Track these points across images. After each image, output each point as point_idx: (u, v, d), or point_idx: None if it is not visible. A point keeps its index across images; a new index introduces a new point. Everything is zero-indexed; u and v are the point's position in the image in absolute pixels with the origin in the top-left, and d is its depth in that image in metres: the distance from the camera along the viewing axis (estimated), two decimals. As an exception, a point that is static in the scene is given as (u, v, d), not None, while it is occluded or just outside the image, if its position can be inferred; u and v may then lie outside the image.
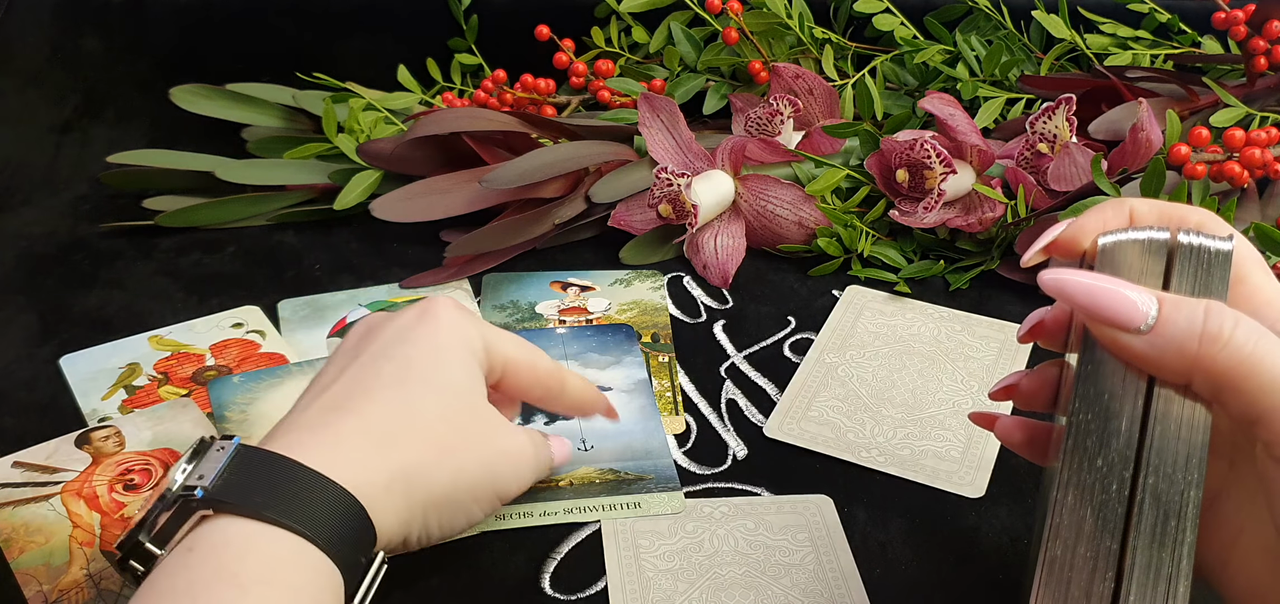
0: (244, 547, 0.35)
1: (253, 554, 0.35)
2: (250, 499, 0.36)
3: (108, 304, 0.65)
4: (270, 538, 0.36)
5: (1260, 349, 0.31)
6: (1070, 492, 0.32)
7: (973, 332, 0.63)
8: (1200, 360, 0.31)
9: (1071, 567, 0.32)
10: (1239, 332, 0.31)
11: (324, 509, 0.37)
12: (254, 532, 0.36)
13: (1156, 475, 0.32)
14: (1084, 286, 0.33)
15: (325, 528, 0.36)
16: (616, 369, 0.59)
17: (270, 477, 0.37)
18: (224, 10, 0.86)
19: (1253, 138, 0.65)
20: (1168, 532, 0.32)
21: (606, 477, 0.51)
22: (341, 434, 0.39)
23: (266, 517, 0.36)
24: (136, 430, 0.54)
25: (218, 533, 0.36)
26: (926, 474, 0.52)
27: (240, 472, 0.37)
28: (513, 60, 0.84)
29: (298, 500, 0.36)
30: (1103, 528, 0.32)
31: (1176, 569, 0.32)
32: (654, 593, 0.45)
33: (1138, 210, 0.36)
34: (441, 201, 0.69)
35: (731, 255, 0.68)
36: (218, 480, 0.36)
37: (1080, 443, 0.33)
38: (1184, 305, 0.32)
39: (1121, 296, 0.32)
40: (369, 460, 0.39)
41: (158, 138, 0.82)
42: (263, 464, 0.37)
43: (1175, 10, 0.81)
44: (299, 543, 0.36)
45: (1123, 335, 0.32)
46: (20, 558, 0.46)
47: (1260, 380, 0.31)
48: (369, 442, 0.39)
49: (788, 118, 0.73)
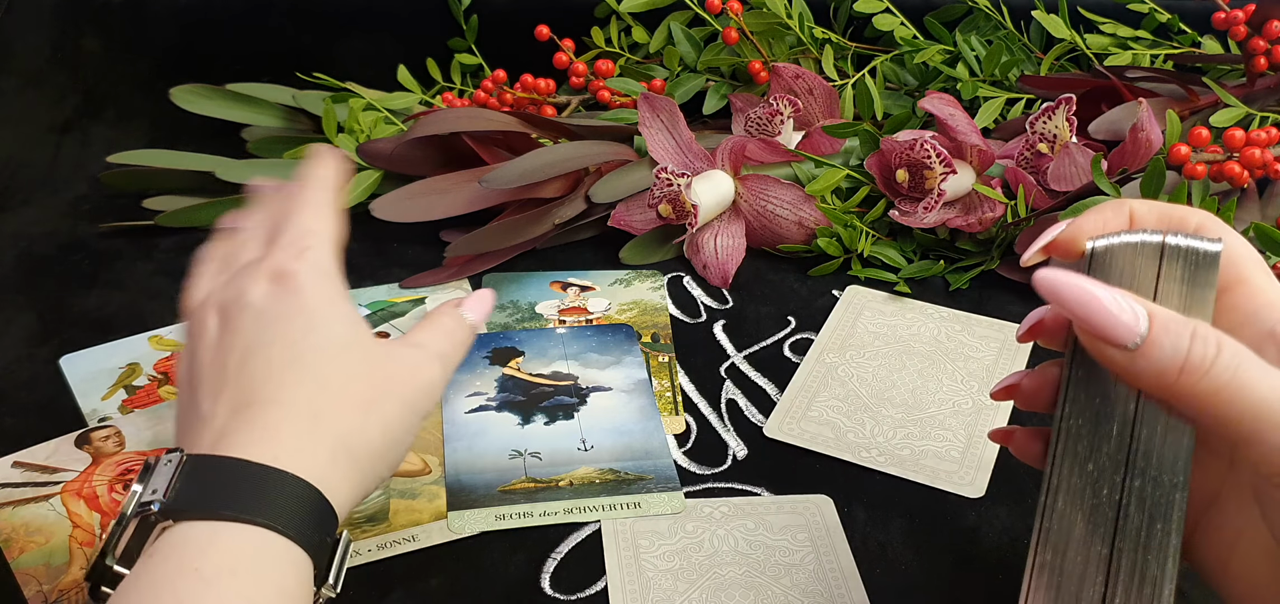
0: (206, 543, 0.35)
1: (215, 548, 0.35)
2: (207, 503, 0.36)
3: (107, 304, 0.65)
4: (233, 533, 0.36)
5: (1240, 377, 0.31)
6: (1060, 497, 0.32)
7: (973, 332, 0.63)
8: (1179, 388, 0.31)
9: (1061, 572, 0.32)
10: (1221, 360, 0.31)
11: (281, 499, 0.37)
12: (215, 529, 0.36)
13: (1143, 479, 0.32)
14: (1077, 292, 0.33)
15: (285, 516, 0.36)
16: (616, 369, 0.59)
17: (222, 478, 0.37)
18: (224, 10, 0.86)
19: (1253, 138, 0.65)
20: (1154, 535, 0.32)
21: (606, 477, 0.51)
22: (269, 424, 0.39)
23: (226, 516, 0.36)
24: (136, 430, 0.54)
25: (178, 536, 0.36)
26: (926, 474, 0.52)
27: (192, 479, 0.37)
28: (513, 60, 0.84)
29: (254, 496, 0.36)
30: (1093, 533, 0.32)
31: (1162, 572, 0.32)
32: (654, 593, 0.45)
33: (1137, 211, 0.36)
34: (441, 201, 0.69)
35: (731, 255, 0.68)
36: (171, 491, 0.36)
37: (1071, 447, 0.32)
38: (1171, 329, 0.32)
39: (1113, 310, 0.32)
40: (305, 443, 0.39)
41: (158, 138, 0.82)
42: (212, 468, 0.37)
43: (1175, 10, 0.81)
44: (263, 534, 0.36)
45: (1109, 348, 0.32)
46: (20, 558, 0.46)
47: (1240, 408, 0.31)
48: (300, 425, 0.39)
49: (788, 118, 0.73)
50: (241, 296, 0.42)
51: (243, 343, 0.41)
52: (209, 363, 0.42)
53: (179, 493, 0.36)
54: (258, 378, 0.40)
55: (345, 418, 0.40)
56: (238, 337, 0.41)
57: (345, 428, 0.40)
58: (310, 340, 0.41)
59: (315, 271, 0.43)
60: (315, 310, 0.42)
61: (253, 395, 0.40)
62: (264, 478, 0.37)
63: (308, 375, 0.40)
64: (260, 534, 0.36)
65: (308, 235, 0.44)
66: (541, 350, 0.60)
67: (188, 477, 0.37)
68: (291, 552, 0.36)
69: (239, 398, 0.40)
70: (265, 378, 0.40)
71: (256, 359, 0.41)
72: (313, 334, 0.41)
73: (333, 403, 0.40)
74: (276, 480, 0.37)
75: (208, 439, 0.39)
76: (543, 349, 0.60)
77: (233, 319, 0.42)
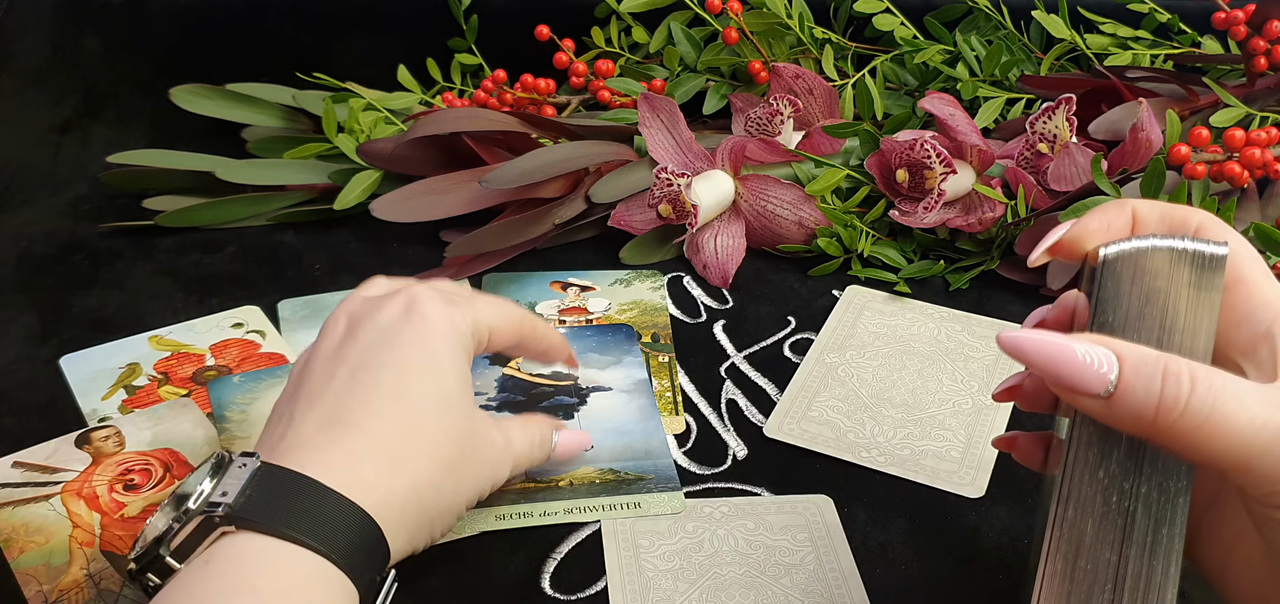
0: (263, 561, 0.36)
1: (271, 568, 0.35)
2: (273, 517, 0.36)
3: (107, 304, 0.65)
4: (290, 554, 0.36)
5: (1218, 411, 0.31)
6: (1071, 505, 0.32)
7: (973, 332, 0.63)
8: (1157, 427, 0.31)
9: (1071, 580, 0.32)
10: (1195, 397, 0.31)
11: (344, 529, 0.37)
12: (274, 548, 0.36)
13: (1149, 484, 0.32)
14: (1044, 351, 0.32)
15: (344, 547, 0.37)
16: (617, 369, 0.59)
17: (292, 496, 0.37)
18: (224, 10, 0.86)
19: (1253, 138, 0.65)
20: (1160, 540, 0.32)
21: (607, 477, 0.51)
22: (352, 453, 0.39)
23: (288, 535, 0.36)
24: (136, 430, 0.54)
25: (236, 548, 0.36)
26: (926, 474, 0.52)
27: (263, 489, 0.37)
28: (513, 60, 0.84)
29: (319, 520, 0.37)
30: (1101, 539, 0.32)
31: (1166, 577, 0.32)
32: (654, 593, 0.45)
33: (1140, 211, 0.36)
34: (441, 201, 0.69)
35: (731, 255, 0.68)
36: (241, 497, 0.37)
37: (1082, 455, 0.33)
38: (1143, 372, 0.31)
39: (1081, 364, 0.32)
40: (382, 481, 0.39)
41: (158, 138, 0.82)
42: (286, 483, 0.38)
43: (1175, 10, 0.81)
44: (318, 561, 0.36)
45: (1082, 398, 0.32)
46: (20, 558, 0.46)
47: (1219, 442, 0.31)
48: (381, 461, 0.40)
49: (788, 118, 0.73)
50: (375, 313, 0.43)
51: (358, 354, 0.42)
52: (321, 365, 0.42)
53: (249, 500, 0.37)
54: (357, 399, 0.40)
55: (424, 470, 0.40)
56: (356, 346, 0.42)
57: (422, 480, 0.40)
58: (418, 381, 0.41)
59: (449, 322, 0.43)
60: (434, 354, 0.42)
61: (345, 416, 0.40)
62: (334, 505, 0.37)
63: (404, 415, 0.41)
64: (318, 562, 0.36)
65: (466, 297, 0.46)
66: (541, 350, 0.60)
67: (260, 485, 0.37)
68: (344, 584, 0.37)
69: (331, 413, 0.40)
70: (363, 401, 0.40)
71: (363, 377, 0.41)
72: (422, 376, 0.42)
73: (418, 452, 0.41)
74: (346, 511, 0.37)
75: (288, 447, 0.39)
76: (543, 349, 0.60)
77: (358, 329, 0.43)
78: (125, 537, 0.47)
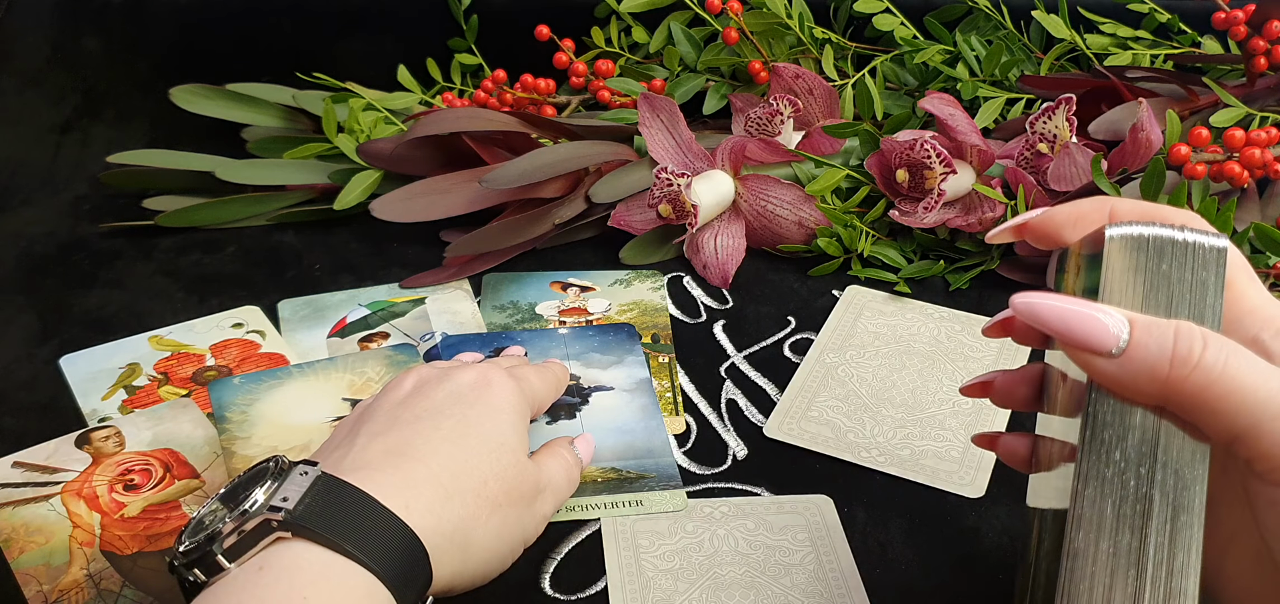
0: (317, 574, 0.36)
1: (324, 581, 0.36)
2: (331, 528, 0.37)
3: (107, 304, 0.65)
4: (342, 568, 0.36)
5: (1230, 369, 0.31)
6: (1089, 483, 0.32)
7: (973, 331, 0.63)
8: (1171, 384, 0.31)
9: (1094, 561, 0.32)
10: (1208, 353, 0.31)
11: (397, 550, 0.38)
12: (327, 560, 0.36)
13: (1165, 470, 0.32)
14: (1056, 310, 0.33)
15: (394, 568, 0.37)
16: (618, 369, 0.59)
17: (351, 510, 0.38)
18: (224, 10, 0.86)
19: (1253, 138, 0.65)
20: (1180, 526, 0.32)
21: (608, 476, 0.51)
22: (413, 480, 0.40)
23: (343, 548, 0.36)
24: (136, 430, 0.54)
25: (290, 556, 0.36)
26: (926, 474, 0.52)
27: (324, 500, 0.38)
28: (513, 60, 0.84)
29: (374, 538, 0.37)
30: (1121, 522, 0.32)
31: (1187, 563, 0.32)
32: (654, 593, 0.45)
33: (1118, 208, 0.36)
34: (441, 201, 0.69)
35: (731, 255, 0.68)
36: (301, 505, 0.37)
37: (1098, 435, 0.33)
38: (1155, 329, 0.32)
39: (1093, 320, 0.32)
40: (434, 508, 0.40)
41: (158, 138, 0.82)
42: (346, 497, 0.38)
43: (1175, 10, 0.81)
44: (369, 579, 0.36)
45: (1095, 358, 0.32)
46: (20, 558, 0.46)
47: (1232, 401, 0.31)
48: (436, 492, 0.40)
49: (788, 118, 0.73)
50: (445, 376, 0.46)
51: (425, 406, 0.44)
52: (386, 411, 0.44)
53: (309, 509, 0.37)
54: (419, 437, 0.42)
55: (473, 505, 0.41)
56: (424, 401, 0.44)
57: (470, 514, 0.41)
58: (477, 427, 0.44)
59: (512, 391, 0.47)
60: (496, 409, 0.45)
61: (408, 449, 0.42)
62: (389, 524, 0.38)
63: (459, 453, 0.42)
64: (370, 582, 0.36)
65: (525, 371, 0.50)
66: (544, 351, 0.60)
67: (320, 494, 0.38)
68: (388, 602, 0.37)
69: (395, 445, 0.42)
70: (426, 440, 0.42)
71: (427, 423, 0.43)
72: (482, 425, 0.44)
73: (469, 487, 0.42)
74: (400, 532, 0.38)
75: (350, 466, 0.40)
76: (545, 349, 0.60)
77: (427, 387, 0.45)
78: (125, 537, 0.47)
